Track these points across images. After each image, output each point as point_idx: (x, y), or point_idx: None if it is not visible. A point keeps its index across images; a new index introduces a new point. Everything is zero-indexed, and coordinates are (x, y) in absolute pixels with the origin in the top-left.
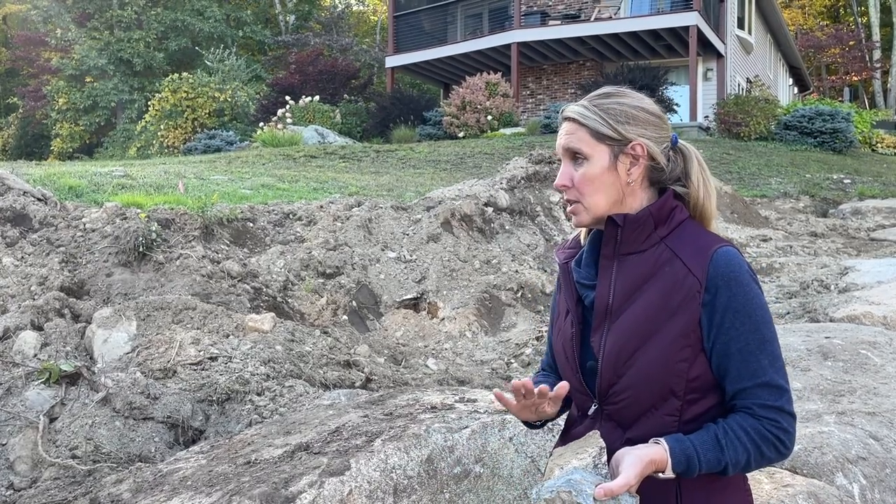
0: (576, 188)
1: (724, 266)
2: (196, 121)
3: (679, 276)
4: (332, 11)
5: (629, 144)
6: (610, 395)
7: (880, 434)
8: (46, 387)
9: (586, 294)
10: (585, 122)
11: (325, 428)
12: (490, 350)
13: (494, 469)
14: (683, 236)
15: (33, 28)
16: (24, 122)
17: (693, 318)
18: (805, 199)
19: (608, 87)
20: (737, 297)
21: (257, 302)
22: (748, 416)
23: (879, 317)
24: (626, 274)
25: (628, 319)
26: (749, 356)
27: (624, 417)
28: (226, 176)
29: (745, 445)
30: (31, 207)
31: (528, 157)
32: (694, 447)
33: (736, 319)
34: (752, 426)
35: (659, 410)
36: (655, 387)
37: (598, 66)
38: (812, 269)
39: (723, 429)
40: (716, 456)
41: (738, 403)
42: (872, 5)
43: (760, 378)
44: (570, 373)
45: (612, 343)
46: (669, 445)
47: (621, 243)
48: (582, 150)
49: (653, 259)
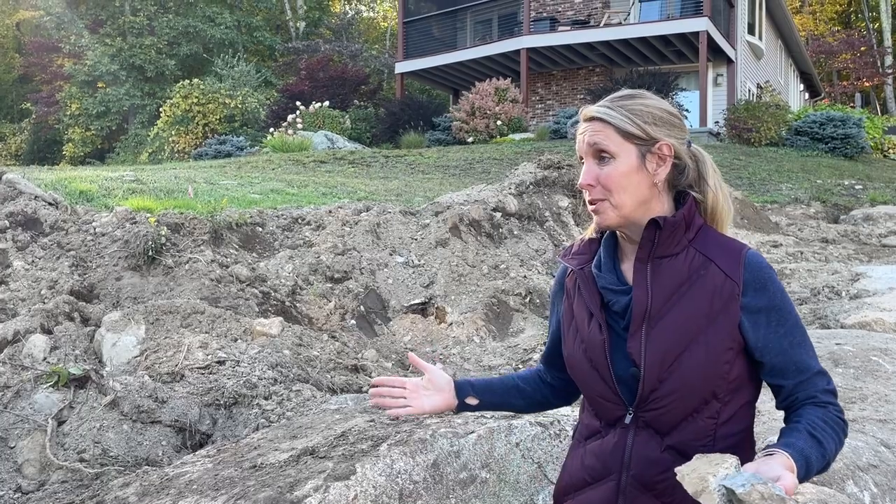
0: (602, 187)
1: (757, 268)
2: (207, 126)
3: (718, 281)
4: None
5: (656, 144)
6: (651, 401)
7: (892, 442)
8: (55, 390)
9: (615, 299)
10: (612, 121)
11: (332, 432)
12: (498, 355)
13: (501, 474)
14: (708, 240)
15: (46, 35)
16: (36, 127)
17: (734, 321)
18: (816, 204)
19: (627, 90)
20: (776, 295)
21: (265, 306)
22: (816, 406)
23: (891, 323)
24: (661, 277)
25: (670, 324)
26: (800, 349)
27: (663, 424)
28: (235, 181)
29: (831, 435)
30: (41, 212)
31: (537, 163)
32: (805, 448)
33: (781, 317)
34: (824, 415)
35: (700, 414)
36: (699, 390)
37: (607, 71)
38: (823, 275)
39: (810, 424)
40: (820, 452)
41: (800, 396)
42: (884, 11)
43: (815, 367)
44: (597, 381)
45: (654, 348)
46: (788, 452)
47: (658, 246)
48: (609, 149)
49: (686, 263)
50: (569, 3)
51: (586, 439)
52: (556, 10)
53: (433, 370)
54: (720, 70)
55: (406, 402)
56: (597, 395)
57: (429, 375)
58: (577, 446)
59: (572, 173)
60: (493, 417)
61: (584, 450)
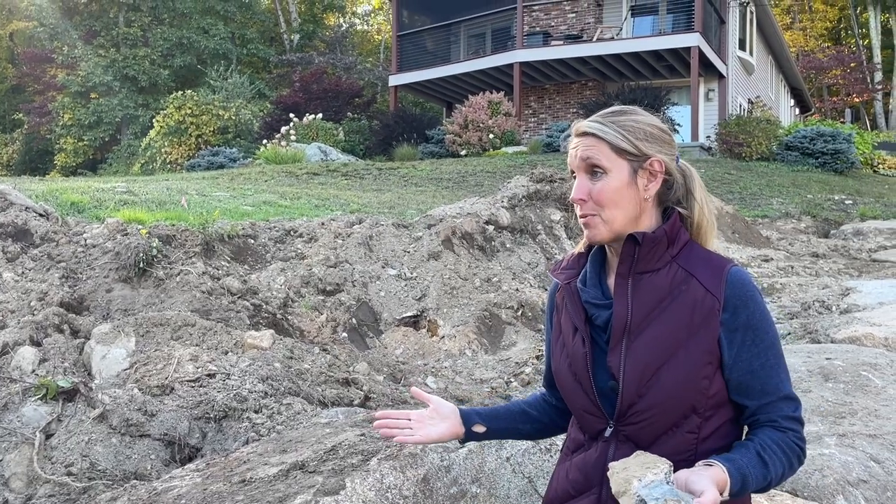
0: (593, 201)
1: (740, 285)
2: (200, 137)
3: (698, 296)
4: (336, 31)
5: (648, 160)
6: (630, 415)
7: (881, 457)
8: (43, 403)
9: (597, 314)
10: (605, 136)
11: (322, 446)
12: (490, 369)
13: (491, 489)
14: (692, 256)
15: (40, 45)
16: (28, 137)
17: (713, 336)
18: (807, 219)
19: (619, 106)
20: (754, 315)
21: (257, 319)
22: (774, 429)
23: (881, 338)
24: (642, 292)
25: (650, 338)
26: (770, 371)
27: (643, 437)
28: (228, 193)
29: (780, 459)
30: (32, 223)
31: (530, 176)
32: (746, 465)
33: (756, 337)
34: (780, 439)
35: (680, 428)
36: (679, 405)
37: (600, 85)
38: (813, 289)
39: (760, 445)
40: (762, 472)
41: (761, 417)
42: (874, 28)
43: (782, 392)
44: (580, 394)
45: (633, 362)
46: (726, 466)
47: (638, 261)
48: (602, 164)
49: (668, 278)
50: (562, 18)
51: (573, 452)
52: (549, 25)
53: (436, 400)
54: (711, 85)
55: (412, 431)
56: (580, 408)
57: (433, 405)
58: (564, 459)
59: (564, 187)
60: None
61: (570, 463)
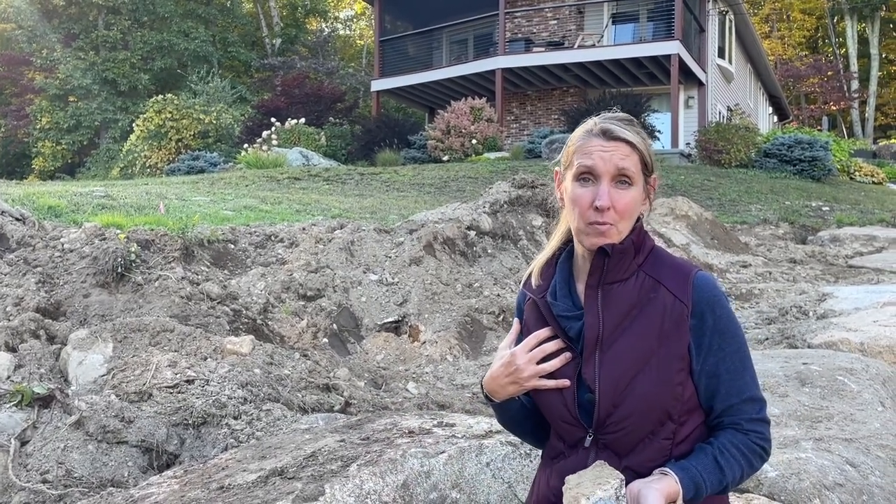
0: (615, 211)
1: (706, 290)
2: (180, 142)
3: (668, 303)
4: (318, 35)
5: (651, 176)
6: (608, 424)
7: (857, 461)
8: (18, 409)
9: (569, 325)
10: (640, 147)
11: (301, 453)
12: (471, 374)
13: (471, 495)
14: (657, 263)
15: (18, 48)
16: (5, 141)
17: (684, 342)
18: (784, 225)
19: (624, 114)
20: (721, 319)
21: (237, 324)
22: (737, 431)
23: (856, 343)
24: (612, 303)
25: (622, 348)
26: (736, 374)
27: (621, 445)
28: (208, 197)
29: (739, 462)
30: (8, 227)
31: (512, 182)
32: (699, 473)
33: (723, 341)
34: (741, 442)
35: (657, 435)
36: (654, 412)
37: (581, 92)
38: (791, 295)
39: (718, 449)
40: (718, 478)
41: (725, 420)
42: (850, 37)
43: (746, 394)
44: (558, 406)
45: (607, 373)
46: (678, 476)
47: (607, 272)
48: (632, 176)
49: (637, 287)
50: (544, 25)
51: (552, 459)
52: (531, 32)
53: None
54: (691, 92)
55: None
56: (558, 418)
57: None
58: (545, 466)
59: (545, 192)
60: (465, 437)
61: (551, 470)
